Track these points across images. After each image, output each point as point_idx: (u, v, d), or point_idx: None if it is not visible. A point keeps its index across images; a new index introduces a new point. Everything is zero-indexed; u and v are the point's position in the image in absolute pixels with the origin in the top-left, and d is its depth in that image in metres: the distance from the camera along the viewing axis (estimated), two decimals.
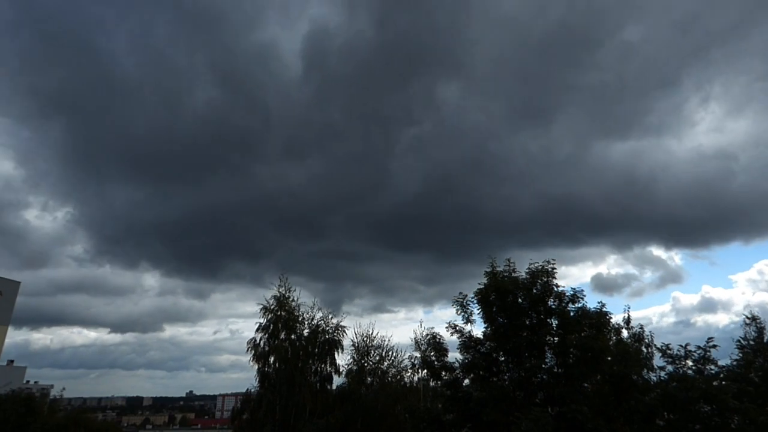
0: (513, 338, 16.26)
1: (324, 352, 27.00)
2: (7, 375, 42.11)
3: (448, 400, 17.51)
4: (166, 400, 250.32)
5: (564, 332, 15.85)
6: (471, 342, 17.44)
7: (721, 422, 13.52)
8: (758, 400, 14.72)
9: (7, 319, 49.00)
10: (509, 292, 16.65)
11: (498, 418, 14.76)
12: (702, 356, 16.02)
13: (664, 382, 15.98)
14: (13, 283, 50.39)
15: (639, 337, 20.80)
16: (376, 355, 27.08)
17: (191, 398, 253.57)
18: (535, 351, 16.23)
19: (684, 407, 13.92)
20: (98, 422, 35.38)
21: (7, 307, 48.61)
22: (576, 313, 16.21)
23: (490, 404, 15.10)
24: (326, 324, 27.54)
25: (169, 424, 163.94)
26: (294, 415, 24.43)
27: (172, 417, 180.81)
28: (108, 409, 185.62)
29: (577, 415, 13.37)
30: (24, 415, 25.62)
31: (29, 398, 27.30)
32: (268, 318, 27.01)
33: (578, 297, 16.46)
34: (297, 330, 26.98)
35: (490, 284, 17.19)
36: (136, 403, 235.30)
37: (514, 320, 16.45)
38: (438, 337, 19.34)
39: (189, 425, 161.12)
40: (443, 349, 18.95)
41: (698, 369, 15.96)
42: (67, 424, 27.43)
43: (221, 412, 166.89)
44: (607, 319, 16.46)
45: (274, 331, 26.63)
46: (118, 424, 65.84)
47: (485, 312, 17.30)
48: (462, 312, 17.91)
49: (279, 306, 27.23)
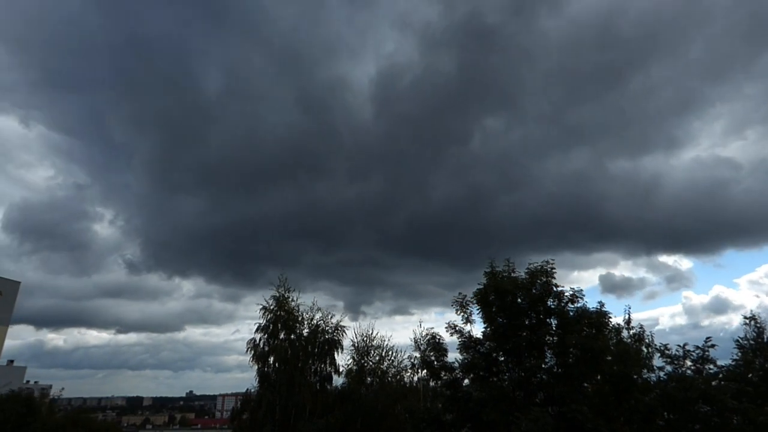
0: (513, 338, 16.27)
1: (324, 352, 26.94)
2: (7, 375, 42.19)
3: (447, 400, 17.52)
4: (166, 400, 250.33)
5: (563, 332, 15.84)
6: (471, 342, 17.45)
7: (721, 422, 13.54)
8: (757, 400, 14.74)
9: (7, 319, 49.02)
10: (508, 293, 16.66)
11: (498, 418, 14.77)
12: (701, 356, 16.06)
13: (664, 382, 16.00)
14: (13, 283, 50.38)
15: (639, 338, 20.79)
16: (375, 355, 27.06)
17: (191, 398, 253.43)
18: (535, 351, 16.25)
19: (683, 407, 13.94)
20: (98, 422, 35.40)
21: (7, 307, 48.63)
22: (575, 313, 16.22)
23: (490, 404, 15.11)
24: (326, 324, 27.51)
25: (169, 424, 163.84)
26: (294, 415, 24.40)
27: (172, 417, 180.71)
28: (108, 409, 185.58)
29: (577, 415, 13.38)
30: (24, 415, 25.63)
31: (29, 398, 27.32)
32: (267, 318, 26.96)
33: (577, 297, 16.46)
34: (297, 330, 26.92)
35: (489, 284, 17.21)
36: (136, 403, 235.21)
37: (514, 320, 16.46)
38: (438, 337, 19.37)
39: (189, 425, 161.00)
40: (443, 349, 18.98)
41: (697, 369, 16.01)
42: (66, 424, 27.47)
43: (221, 412, 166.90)
44: (607, 319, 16.47)
45: (273, 331, 26.57)
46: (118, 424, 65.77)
47: (485, 312, 17.32)
48: (461, 312, 17.95)
49: (278, 306, 27.18)
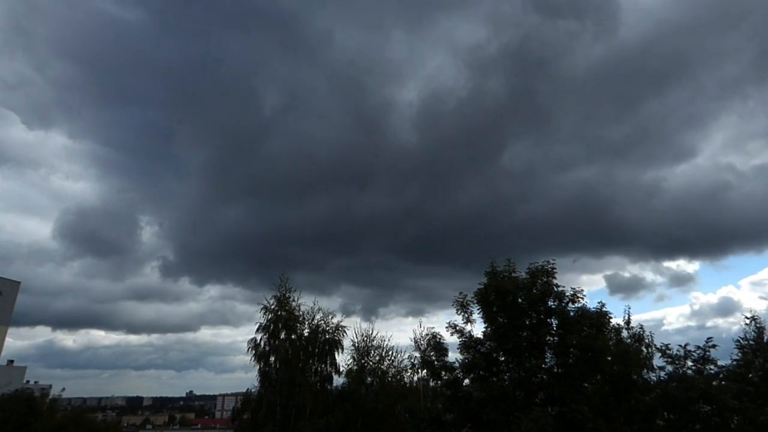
0: (513, 338, 16.26)
1: (324, 353, 26.97)
2: (7, 375, 42.19)
3: (448, 399, 17.53)
4: (166, 400, 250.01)
5: (564, 332, 15.84)
6: (471, 342, 17.45)
7: (721, 422, 13.56)
8: (758, 400, 14.75)
9: (7, 320, 49.02)
10: (509, 292, 16.64)
11: (498, 418, 14.78)
12: (701, 356, 16.07)
13: (664, 382, 16.02)
14: (13, 282, 50.38)
15: (639, 338, 20.80)
16: (376, 355, 27.08)
17: (191, 398, 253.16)
18: (535, 351, 16.25)
19: (684, 407, 13.96)
20: (98, 422, 35.41)
21: (7, 307, 48.63)
22: (576, 313, 16.22)
23: (490, 404, 15.12)
24: (326, 324, 27.54)
25: (169, 424, 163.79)
26: (294, 414, 24.42)
27: (172, 417, 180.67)
28: (108, 409, 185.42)
29: (577, 415, 13.40)
30: (25, 415, 25.65)
31: (30, 399, 27.35)
32: (268, 318, 26.99)
33: (578, 297, 16.47)
34: (297, 330, 26.95)
35: (490, 284, 17.18)
36: (136, 403, 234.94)
37: (514, 320, 16.44)
38: (438, 337, 19.38)
39: (189, 425, 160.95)
40: (443, 349, 18.98)
41: (698, 369, 16.01)
42: (68, 424, 27.49)
43: (221, 412, 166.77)
44: (607, 319, 16.47)
45: (274, 331, 26.60)
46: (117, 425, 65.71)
47: (485, 312, 17.30)
48: (462, 312, 17.94)
49: (279, 306, 27.19)
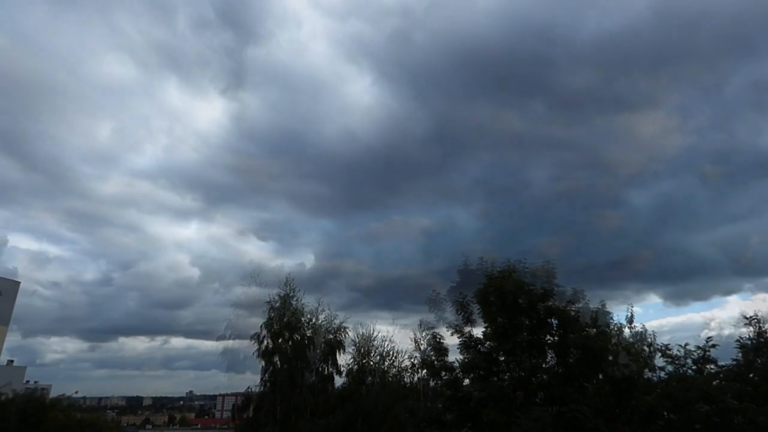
0: (513, 338, 16.27)
1: (326, 353, 27.06)
2: (7, 375, 42.18)
3: (448, 399, 17.52)
4: (166, 399, 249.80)
5: (564, 332, 15.87)
6: (471, 342, 17.46)
7: (721, 422, 13.55)
8: (758, 400, 14.75)
9: (7, 320, 49.04)
10: (509, 292, 16.66)
11: (498, 418, 14.77)
12: (702, 356, 16.09)
13: (665, 382, 16.03)
14: (13, 282, 50.42)
15: (641, 337, 20.80)
16: (376, 355, 27.14)
17: (191, 398, 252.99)
18: (535, 351, 16.26)
19: (684, 407, 13.96)
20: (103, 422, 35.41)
21: (7, 307, 48.64)
22: (576, 312, 16.25)
23: (490, 404, 15.13)
24: (329, 324, 27.65)
25: (169, 424, 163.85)
26: (295, 414, 24.47)
27: (172, 417, 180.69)
28: (108, 408, 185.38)
29: (577, 415, 13.41)
30: (28, 416, 25.67)
31: (33, 399, 27.38)
32: (271, 315, 27.06)
33: (578, 297, 16.50)
34: (300, 330, 27.01)
35: (490, 284, 17.20)
36: (136, 403, 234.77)
37: (514, 320, 16.47)
38: (438, 337, 19.38)
39: (189, 425, 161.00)
40: (443, 349, 18.99)
41: (698, 369, 16.03)
42: (70, 424, 27.50)
43: (221, 412, 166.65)
44: (608, 319, 16.50)
45: (277, 330, 26.69)
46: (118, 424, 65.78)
47: (485, 312, 17.31)
48: (462, 312, 17.96)
49: (283, 305, 27.27)
